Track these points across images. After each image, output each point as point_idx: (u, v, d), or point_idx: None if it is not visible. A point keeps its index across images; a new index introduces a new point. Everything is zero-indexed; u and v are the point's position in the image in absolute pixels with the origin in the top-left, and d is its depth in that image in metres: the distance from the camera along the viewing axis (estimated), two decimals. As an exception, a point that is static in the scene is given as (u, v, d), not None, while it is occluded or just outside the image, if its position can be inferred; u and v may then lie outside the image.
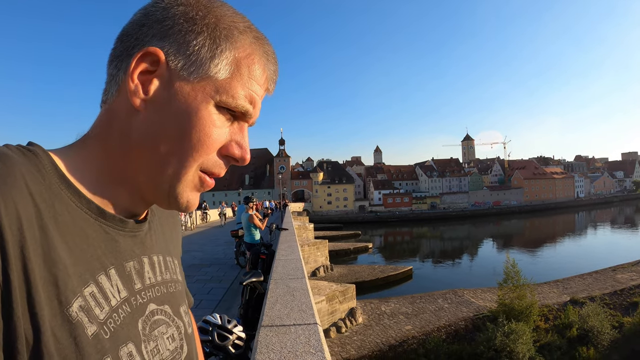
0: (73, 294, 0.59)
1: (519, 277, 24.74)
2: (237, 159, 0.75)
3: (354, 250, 54.44)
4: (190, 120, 0.69)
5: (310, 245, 29.89)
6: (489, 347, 20.11)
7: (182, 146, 0.70)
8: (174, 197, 0.73)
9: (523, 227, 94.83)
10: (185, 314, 0.89)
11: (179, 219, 1.10)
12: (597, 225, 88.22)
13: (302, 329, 3.48)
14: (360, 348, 19.89)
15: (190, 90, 0.70)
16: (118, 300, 0.68)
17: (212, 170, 0.74)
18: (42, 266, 0.56)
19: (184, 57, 0.70)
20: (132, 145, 0.71)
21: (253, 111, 0.75)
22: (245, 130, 0.77)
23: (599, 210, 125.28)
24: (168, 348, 0.77)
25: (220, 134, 0.72)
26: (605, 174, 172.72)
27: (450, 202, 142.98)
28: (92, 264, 0.65)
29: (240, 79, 0.72)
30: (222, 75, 0.71)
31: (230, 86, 0.71)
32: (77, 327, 0.58)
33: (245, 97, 0.73)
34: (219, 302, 9.42)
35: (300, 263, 7.05)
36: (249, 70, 0.74)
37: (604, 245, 56.28)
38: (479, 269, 44.01)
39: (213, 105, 0.71)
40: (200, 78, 0.70)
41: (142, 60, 0.69)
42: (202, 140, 0.70)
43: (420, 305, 26.39)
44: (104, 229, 0.70)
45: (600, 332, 21.97)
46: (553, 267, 40.32)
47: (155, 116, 0.70)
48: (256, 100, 0.75)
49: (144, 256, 0.79)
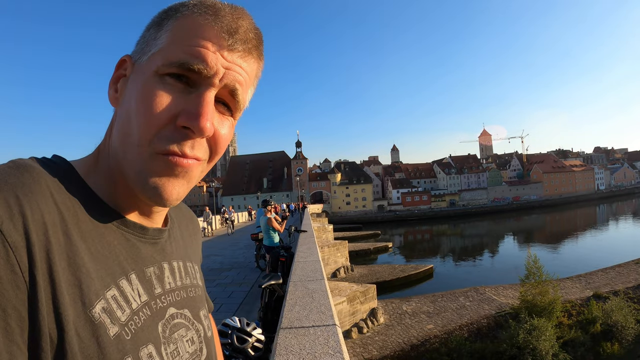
0: (96, 296, 0.62)
1: (541, 273, 24.37)
2: (189, 125, 0.68)
3: (374, 250, 53.93)
4: (136, 98, 0.70)
5: (330, 247, 29.83)
6: (512, 345, 19.88)
7: (133, 125, 0.69)
8: (142, 186, 0.70)
9: (544, 221, 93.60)
10: (205, 318, 0.91)
11: (199, 225, 1.13)
12: (618, 217, 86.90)
13: (321, 331, 3.50)
14: (382, 348, 19.82)
15: (140, 72, 0.72)
16: (139, 304, 0.71)
17: (170, 148, 0.69)
18: (67, 269, 0.60)
19: (139, 51, 0.74)
20: (113, 145, 0.75)
21: (204, 66, 0.68)
22: (204, 97, 0.70)
23: (620, 202, 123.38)
24: (187, 350, 0.80)
25: (163, 103, 0.68)
26: (626, 165, 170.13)
27: (469, 199, 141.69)
28: (114, 268, 0.68)
29: (180, 41, 0.70)
30: (162, 44, 0.71)
31: (168, 50, 0.70)
32: (100, 328, 0.61)
33: (187, 55, 0.68)
34: (240, 306, 9.49)
35: (319, 265, 7.06)
36: (189, 30, 0.71)
37: (626, 238, 55.27)
38: (500, 265, 43.50)
39: (154, 74, 0.70)
40: (148, 58, 0.72)
41: (117, 69, 0.77)
42: (144, 113, 0.68)
43: (441, 303, 26.19)
44: (126, 236, 0.74)
45: (625, 327, 21.61)
46: (575, 261, 39.67)
47: (121, 108, 0.74)
48: (204, 54, 0.69)
49: (164, 262, 0.82)
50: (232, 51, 0.72)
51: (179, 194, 0.72)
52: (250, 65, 0.76)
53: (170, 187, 0.70)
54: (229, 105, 0.77)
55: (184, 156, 0.70)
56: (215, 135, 0.74)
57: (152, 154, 0.69)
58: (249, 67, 0.76)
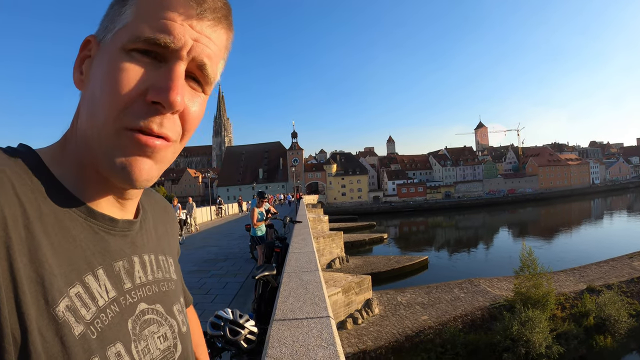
0: (59, 294, 0.59)
1: (536, 266, 24.47)
2: (158, 100, 0.65)
3: (369, 241, 54.21)
4: (102, 76, 0.67)
5: (325, 237, 29.93)
6: (506, 337, 20.01)
7: (99, 104, 0.66)
8: (109, 166, 0.67)
9: (538, 214, 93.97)
10: (180, 313, 0.88)
11: (175, 215, 1.09)
12: (613, 212, 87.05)
13: (314, 323, 3.47)
14: (376, 339, 19.89)
15: (105, 50, 0.69)
16: (106, 301, 0.67)
17: (138, 124, 0.66)
18: (28, 266, 0.57)
19: (104, 29, 0.71)
20: (80, 128, 0.71)
21: (171, 39, 0.66)
22: (173, 70, 0.67)
23: (614, 197, 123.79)
24: (159, 347, 0.77)
25: (130, 79, 0.65)
26: (621, 160, 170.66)
27: (464, 191, 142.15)
28: (79, 264, 0.65)
29: (146, 14, 0.67)
30: (127, 19, 0.68)
31: (134, 25, 0.67)
32: (64, 327, 0.58)
33: (154, 29, 0.66)
34: (235, 297, 9.48)
35: (313, 256, 7.03)
36: (155, 2, 0.68)
37: (620, 232, 55.44)
38: (494, 257, 43.68)
39: (120, 50, 0.67)
40: (113, 35, 0.69)
41: (82, 50, 0.74)
42: (111, 90, 0.65)
43: (436, 295, 26.30)
44: (93, 229, 0.70)
45: (618, 320, 21.74)
46: (569, 255, 39.86)
47: (87, 89, 0.70)
48: (171, 26, 0.67)
49: (135, 255, 0.79)
50: (200, 20, 0.70)
51: (148, 175, 0.69)
52: (219, 36, 0.74)
53: (139, 166, 0.67)
54: (199, 80, 0.74)
55: (152, 133, 0.67)
56: (186, 112, 0.71)
57: (119, 129, 0.66)
58: (219, 38, 0.74)
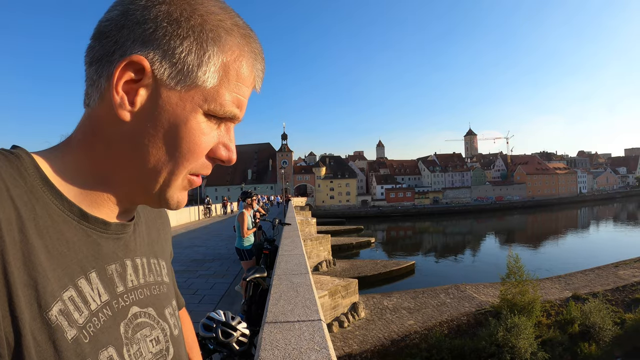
0: (52, 297, 0.59)
1: (522, 273, 24.75)
2: (224, 160, 0.76)
3: (357, 245, 54.27)
4: (180, 131, 0.69)
5: (312, 240, 29.92)
6: (491, 343, 20.17)
7: (173, 156, 0.70)
8: (165, 200, 0.75)
9: (526, 222, 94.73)
10: (172, 316, 0.88)
11: (168, 219, 1.10)
12: (599, 221, 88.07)
13: (306, 326, 3.47)
14: (362, 343, 19.92)
15: (178, 100, 0.68)
16: (98, 304, 0.67)
17: (200, 172, 0.75)
18: (22, 269, 0.56)
19: (170, 65, 0.67)
20: (120, 154, 0.70)
21: (240, 113, 0.74)
22: (231, 131, 0.76)
23: (601, 206, 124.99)
24: (151, 351, 0.77)
25: (208, 141, 0.72)
26: (608, 170, 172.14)
27: (452, 197, 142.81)
28: (72, 267, 0.65)
29: (228, 84, 0.71)
30: (210, 84, 0.69)
31: (218, 94, 0.70)
32: (57, 331, 0.58)
33: (233, 102, 0.72)
34: (222, 297, 9.43)
35: (303, 258, 7.03)
36: (237, 74, 0.71)
37: (606, 241, 56.13)
38: (481, 264, 44.03)
39: (202, 114, 0.70)
40: (188, 87, 0.68)
41: (126, 70, 0.66)
42: (191, 149, 0.71)
43: (422, 300, 26.41)
44: (86, 232, 0.70)
45: (602, 328, 22.00)
46: (555, 262, 40.32)
47: (143, 127, 0.68)
48: (243, 102, 0.74)
49: (127, 259, 0.78)
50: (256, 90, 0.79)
51: (185, 203, 0.79)
52: None
53: (185, 198, 0.78)
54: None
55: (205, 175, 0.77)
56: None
57: (185, 175, 0.73)
58: None
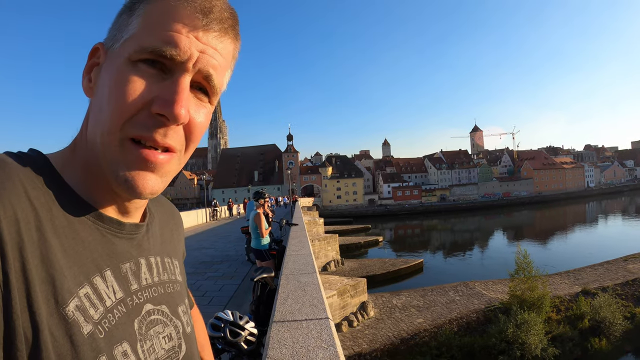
0: (69, 294, 0.61)
1: (531, 268, 24.59)
2: (163, 113, 0.67)
3: (365, 244, 54.09)
4: (109, 85, 0.68)
5: (320, 240, 29.91)
6: (501, 339, 20.07)
7: (104, 114, 0.68)
8: (115, 178, 0.69)
9: (533, 218, 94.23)
10: (184, 314, 0.90)
11: (181, 220, 1.12)
12: (607, 215, 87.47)
13: (313, 324, 3.48)
14: (372, 342, 19.88)
15: (113, 59, 0.70)
16: (113, 301, 0.69)
17: (139, 133, 0.68)
18: (40, 266, 0.58)
19: (112, 37, 0.72)
20: (88, 136, 0.72)
21: (177, 51, 0.67)
22: (178, 83, 0.68)
23: (609, 200, 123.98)
24: (163, 347, 0.79)
25: (136, 89, 0.66)
26: (616, 163, 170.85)
27: (459, 194, 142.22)
28: (87, 265, 0.67)
29: (152, 25, 0.68)
30: (133, 30, 0.69)
31: (140, 36, 0.68)
32: (73, 326, 0.60)
33: (160, 40, 0.67)
34: (231, 299, 9.45)
35: (310, 258, 7.05)
36: (161, 13, 0.68)
37: (615, 235, 55.70)
38: (489, 260, 43.80)
39: (127, 61, 0.68)
40: (121, 44, 0.70)
41: (90, 57, 0.75)
42: (116, 100, 0.67)
43: (431, 298, 26.33)
44: (101, 231, 0.72)
45: (612, 323, 21.86)
46: (564, 257, 40.00)
47: (95, 97, 0.72)
48: (177, 38, 0.67)
49: (141, 258, 0.81)
50: (207, 32, 0.70)
51: (153, 188, 0.71)
52: (226, 46, 0.74)
53: (143, 180, 0.69)
54: (205, 91, 0.75)
55: (156, 144, 0.69)
56: (190, 123, 0.72)
57: (123, 139, 0.67)
58: (225, 49, 0.74)
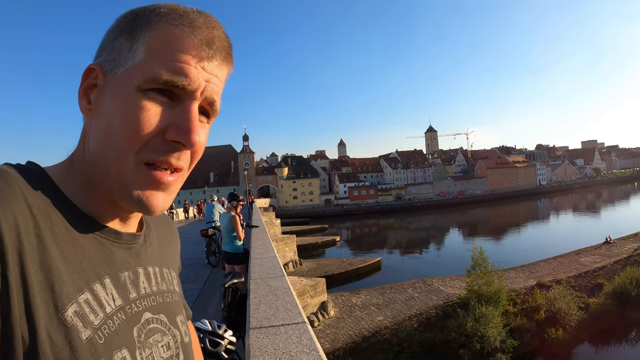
0: (68, 299, 0.63)
1: (487, 264, 25.26)
2: (179, 140, 0.72)
3: (322, 244, 54.39)
4: (119, 112, 0.71)
5: (278, 241, 29.81)
6: (461, 333, 20.53)
7: (117, 138, 0.70)
8: (127, 198, 0.72)
9: (488, 215, 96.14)
10: (182, 324, 0.90)
11: (176, 231, 1.12)
12: (559, 211, 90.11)
13: (291, 329, 3.45)
14: (333, 341, 19.96)
15: (118, 85, 0.72)
16: (113, 308, 0.71)
17: (155, 158, 0.71)
18: (39, 272, 0.60)
19: (111, 61, 0.74)
20: (92, 155, 0.75)
21: (188, 82, 0.71)
22: (189, 110, 0.73)
23: (560, 197, 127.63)
24: (162, 356, 0.79)
25: (150, 117, 0.70)
26: (566, 162, 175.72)
27: (415, 193, 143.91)
28: (87, 273, 0.69)
29: (160, 54, 0.71)
30: (139, 58, 0.71)
31: (148, 66, 0.71)
32: (72, 331, 0.62)
33: (169, 70, 0.70)
34: (194, 304, 9.28)
35: (276, 261, 7.01)
36: (168, 44, 0.72)
37: (566, 230, 57.76)
38: (446, 257, 44.66)
39: (136, 89, 0.70)
40: (125, 70, 0.72)
41: (85, 78, 0.76)
42: (130, 126, 0.70)
43: (390, 295, 26.66)
44: (100, 240, 0.75)
45: (568, 313, 22.70)
46: (519, 253, 41.24)
47: (99, 120, 0.74)
48: (187, 70, 0.71)
49: (139, 267, 0.82)
50: (211, 61, 0.75)
51: (163, 206, 0.75)
52: (224, 72, 0.80)
53: (155, 199, 0.74)
54: (207, 113, 0.80)
55: (170, 167, 0.74)
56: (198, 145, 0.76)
57: (138, 162, 0.71)
58: (224, 75, 0.80)
